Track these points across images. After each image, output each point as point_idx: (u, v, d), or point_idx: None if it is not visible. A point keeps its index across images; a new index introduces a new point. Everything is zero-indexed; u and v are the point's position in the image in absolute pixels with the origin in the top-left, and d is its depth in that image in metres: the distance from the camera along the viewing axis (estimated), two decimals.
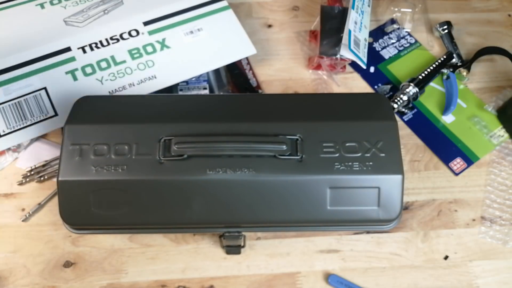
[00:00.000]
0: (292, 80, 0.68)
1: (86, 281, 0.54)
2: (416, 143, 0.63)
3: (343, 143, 0.48)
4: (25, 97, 0.59)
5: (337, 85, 0.68)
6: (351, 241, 0.57)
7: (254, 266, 0.55)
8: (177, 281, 0.54)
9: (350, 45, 0.64)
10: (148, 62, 0.62)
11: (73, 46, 0.62)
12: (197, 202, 0.46)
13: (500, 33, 0.73)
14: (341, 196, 0.47)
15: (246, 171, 0.46)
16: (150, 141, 0.47)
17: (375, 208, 0.47)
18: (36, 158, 0.60)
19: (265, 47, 0.71)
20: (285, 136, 0.47)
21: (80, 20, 0.65)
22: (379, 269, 0.55)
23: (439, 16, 0.74)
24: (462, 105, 0.66)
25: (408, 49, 0.71)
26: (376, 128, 0.49)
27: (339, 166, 0.47)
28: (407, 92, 0.64)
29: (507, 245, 0.56)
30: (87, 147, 0.47)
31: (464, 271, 0.55)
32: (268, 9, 0.75)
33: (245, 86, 0.66)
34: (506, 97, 0.66)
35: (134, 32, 0.64)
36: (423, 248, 0.56)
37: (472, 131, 0.64)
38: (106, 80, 0.61)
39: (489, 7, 0.76)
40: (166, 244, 0.56)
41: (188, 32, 0.65)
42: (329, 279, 0.54)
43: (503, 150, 0.63)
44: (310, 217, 0.47)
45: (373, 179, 0.47)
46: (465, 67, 0.68)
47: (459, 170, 0.61)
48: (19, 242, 0.56)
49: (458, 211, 0.59)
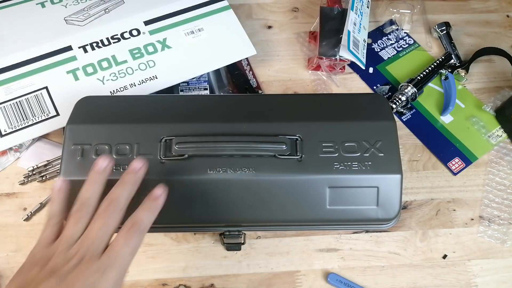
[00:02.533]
0: (291, 81, 0.68)
1: None
2: (415, 143, 0.64)
3: (342, 143, 0.48)
4: (26, 96, 0.59)
5: (336, 85, 0.68)
6: (350, 240, 0.57)
7: (254, 265, 0.56)
8: (178, 279, 0.55)
9: (349, 46, 0.64)
10: (149, 62, 0.63)
11: (74, 45, 0.62)
12: (198, 202, 0.47)
13: (498, 34, 0.73)
14: (340, 195, 0.47)
15: (246, 170, 0.47)
16: (151, 141, 0.48)
17: (374, 208, 0.47)
18: (37, 158, 0.60)
19: (265, 48, 0.71)
20: (285, 136, 0.48)
21: (81, 19, 0.65)
22: (378, 268, 0.56)
23: (438, 17, 0.75)
24: (461, 106, 0.67)
25: (407, 50, 0.72)
26: (375, 128, 0.49)
27: (338, 165, 0.47)
28: (406, 92, 0.64)
29: (505, 244, 0.57)
30: (88, 147, 0.47)
31: (463, 270, 0.56)
32: (268, 10, 0.75)
33: (245, 86, 0.66)
34: (504, 98, 0.66)
35: (135, 31, 0.64)
36: (421, 247, 0.57)
37: (470, 131, 0.65)
38: (107, 80, 0.61)
39: (488, 8, 0.76)
40: (167, 243, 0.56)
41: (189, 32, 0.65)
42: (329, 278, 0.54)
43: (501, 150, 0.63)
44: (310, 216, 0.47)
45: (372, 179, 0.47)
46: (464, 68, 0.68)
47: (458, 169, 0.62)
48: (21, 241, 0.56)
49: (456, 211, 0.59)
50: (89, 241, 0.36)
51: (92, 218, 0.38)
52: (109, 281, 0.34)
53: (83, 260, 0.35)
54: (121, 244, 0.36)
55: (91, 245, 0.36)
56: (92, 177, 0.40)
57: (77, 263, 0.35)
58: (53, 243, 0.37)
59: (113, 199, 0.39)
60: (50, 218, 0.39)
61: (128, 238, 0.36)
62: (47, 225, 0.39)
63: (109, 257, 0.35)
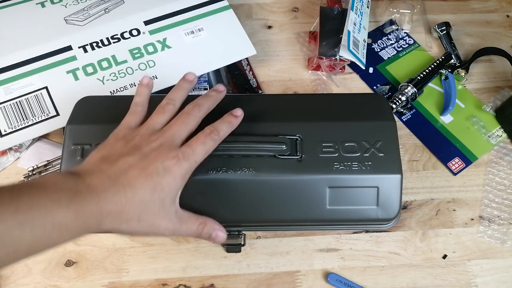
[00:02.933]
0: (291, 81, 0.68)
1: (87, 280, 0.54)
2: (415, 143, 0.64)
3: (342, 143, 0.48)
4: (26, 96, 0.59)
5: (336, 85, 0.68)
6: (350, 240, 0.57)
7: (254, 265, 0.56)
8: (178, 279, 0.55)
9: (349, 46, 0.64)
10: (149, 62, 0.63)
11: (74, 45, 0.62)
12: (198, 202, 0.47)
13: (498, 34, 0.74)
14: (340, 195, 0.47)
15: (246, 170, 0.47)
16: None
17: (374, 208, 0.47)
18: (38, 158, 0.60)
19: (265, 48, 0.71)
20: (285, 136, 0.48)
21: (81, 19, 0.65)
22: (378, 268, 0.56)
23: (438, 17, 0.75)
24: (461, 106, 0.67)
25: (407, 50, 0.72)
26: (375, 128, 0.49)
27: (338, 165, 0.47)
28: (406, 92, 0.64)
29: (505, 245, 0.57)
30: (88, 147, 0.47)
31: (463, 270, 0.56)
32: (268, 10, 0.75)
33: (245, 86, 0.66)
34: (504, 98, 0.66)
35: (135, 31, 0.64)
36: (421, 247, 0.57)
37: (470, 131, 0.65)
38: (107, 80, 0.61)
39: (488, 8, 0.76)
40: (167, 243, 0.56)
41: (189, 32, 0.65)
42: (329, 278, 0.54)
43: (501, 150, 0.63)
44: (310, 216, 0.47)
45: (372, 179, 0.47)
46: (464, 68, 0.68)
47: (458, 170, 0.62)
48: None
49: (456, 211, 0.59)
50: (170, 132, 0.42)
51: (174, 116, 0.44)
52: (182, 169, 0.40)
53: (162, 145, 0.41)
54: (199, 143, 0.42)
55: (171, 136, 0.42)
56: (180, 83, 0.47)
57: (157, 147, 0.41)
58: (135, 127, 0.44)
59: (198, 104, 0.45)
60: (134, 106, 0.46)
61: (206, 140, 0.42)
62: (130, 111, 0.45)
63: (186, 150, 0.41)
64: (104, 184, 0.38)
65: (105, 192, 0.38)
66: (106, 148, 0.42)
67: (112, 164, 0.40)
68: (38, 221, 0.34)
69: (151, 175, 0.39)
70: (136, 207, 0.38)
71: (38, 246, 0.35)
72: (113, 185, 0.38)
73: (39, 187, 0.36)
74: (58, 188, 0.37)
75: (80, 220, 0.36)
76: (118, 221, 0.38)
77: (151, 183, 0.39)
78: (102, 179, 0.38)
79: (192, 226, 0.43)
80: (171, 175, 0.40)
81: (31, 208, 0.34)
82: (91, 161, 0.41)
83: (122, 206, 0.38)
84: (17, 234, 0.33)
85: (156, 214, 0.40)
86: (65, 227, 0.36)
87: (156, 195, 0.39)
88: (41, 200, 0.35)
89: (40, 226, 0.34)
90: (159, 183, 0.39)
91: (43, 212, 0.35)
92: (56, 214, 0.35)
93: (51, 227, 0.35)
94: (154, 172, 0.39)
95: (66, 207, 0.36)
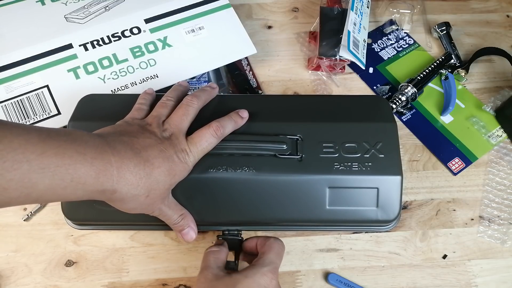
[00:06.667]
0: (291, 81, 0.68)
1: (87, 280, 0.54)
2: (415, 143, 0.64)
3: (342, 144, 0.48)
4: (28, 95, 0.59)
5: (336, 85, 0.68)
6: (350, 240, 0.57)
7: None
8: (178, 279, 0.55)
9: (349, 46, 0.64)
10: (150, 61, 0.63)
11: (75, 43, 0.62)
12: (198, 201, 0.47)
13: (498, 34, 0.74)
14: (340, 196, 0.47)
15: (247, 170, 0.47)
16: None
17: (374, 209, 0.47)
18: None
19: (265, 48, 0.71)
20: (285, 136, 0.48)
21: (81, 17, 0.65)
22: (378, 268, 0.56)
23: (438, 17, 0.75)
24: (461, 106, 0.67)
25: (407, 50, 0.72)
26: (376, 129, 0.49)
27: (338, 166, 0.47)
28: (406, 92, 0.64)
29: (505, 245, 0.57)
30: None
31: (463, 270, 0.56)
32: (268, 10, 0.75)
33: (245, 86, 0.66)
34: (504, 98, 0.66)
35: (135, 29, 0.64)
36: (421, 247, 0.57)
37: (470, 131, 0.65)
38: (108, 78, 0.61)
39: (488, 8, 0.76)
40: (167, 243, 0.56)
41: (189, 30, 0.65)
42: (329, 278, 0.54)
43: (501, 150, 0.63)
44: (309, 216, 0.47)
45: (372, 180, 0.47)
46: (464, 68, 0.68)
47: (458, 170, 0.62)
48: (20, 242, 0.56)
49: (456, 211, 0.59)
50: (176, 122, 0.44)
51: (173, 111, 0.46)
52: (190, 161, 0.43)
53: (173, 135, 0.43)
54: (205, 137, 0.44)
55: (177, 126, 0.44)
56: (175, 86, 0.50)
57: (169, 137, 0.43)
58: (141, 120, 0.45)
59: (195, 95, 0.47)
60: (139, 104, 0.48)
61: (210, 136, 0.44)
62: (135, 108, 0.48)
63: (192, 144, 0.44)
64: (128, 153, 0.39)
65: (128, 161, 0.39)
66: (121, 128, 0.43)
67: (133, 138, 0.41)
68: (60, 169, 0.34)
69: (168, 159, 0.41)
70: (150, 183, 0.40)
71: (49, 195, 0.35)
72: (135, 156, 0.39)
73: (66, 136, 0.36)
74: (84, 142, 0.37)
75: (98, 181, 0.36)
76: (130, 193, 0.39)
77: (167, 166, 0.41)
78: (126, 148, 0.39)
79: (174, 214, 0.45)
80: (183, 165, 0.42)
81: (57, 154, 0.34)
82: (110, 131, 0.42)
83: (139, 179, 0.39)
84: (35, 178, 0.33)
85: (160, 195, 0.42)
86: (83, 183, 0.36)
87: (168, 178, 0.41)
88: (68, 150, 0.35)
89: (59, 176, 0.34)
90: (173, 169, 0.41)
91: (68, 162, 0.34)
92: (80, 167, 0.35)
93: (70, 180, 0.35)
94: (170, 157, 0.41)
95: (90, 163, 0.36)
